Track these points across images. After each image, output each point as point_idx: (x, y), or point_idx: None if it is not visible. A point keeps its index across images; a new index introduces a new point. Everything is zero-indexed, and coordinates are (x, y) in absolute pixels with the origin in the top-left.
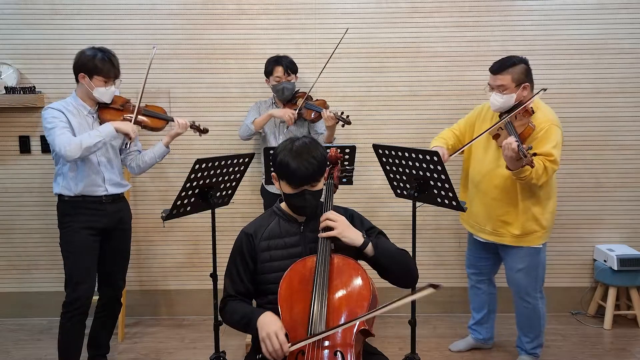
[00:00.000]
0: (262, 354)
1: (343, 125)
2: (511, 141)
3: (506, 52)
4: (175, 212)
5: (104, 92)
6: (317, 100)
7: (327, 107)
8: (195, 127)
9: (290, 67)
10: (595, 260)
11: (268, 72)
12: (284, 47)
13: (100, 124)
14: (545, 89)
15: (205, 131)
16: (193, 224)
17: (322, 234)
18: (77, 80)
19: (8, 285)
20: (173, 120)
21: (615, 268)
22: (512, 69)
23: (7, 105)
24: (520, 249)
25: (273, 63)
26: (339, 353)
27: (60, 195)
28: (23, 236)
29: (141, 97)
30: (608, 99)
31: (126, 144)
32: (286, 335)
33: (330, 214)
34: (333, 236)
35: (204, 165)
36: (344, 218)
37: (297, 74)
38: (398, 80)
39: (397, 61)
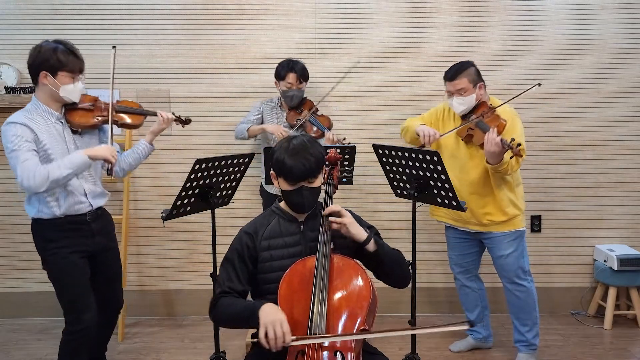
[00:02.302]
0: (257, 339)
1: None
2: (494, 136)
3: (506, 52)
4: (175, 212)
5: (72, 90)
6: (322, 115)
7: (331, 127)
8: (178, 119)
9: (303, 74)
10: (595, 260)
11: (280, 77)
12: (284, 47)
13: (72, 128)
14: (539, 84)
15: (187, 121)
16: (193, 224)
17: (332, 218)
18: (36, 82)
19: (8, 285)
20: (154, 114)
21: (615, 268)
22: (465, 71)
23: (7, 105)
24: (506, 234)
25: (287, 69)
26: (338, 353)
27: (37, 219)
28: (23, 236)
29: (112, 92)
30: (608, 99)
31: (108, 170)
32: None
33: (338, 206)
34: (341, 225)
35: (204, 165)
36: (349, 214)
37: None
38: (398, 80)
39: (397, 61)
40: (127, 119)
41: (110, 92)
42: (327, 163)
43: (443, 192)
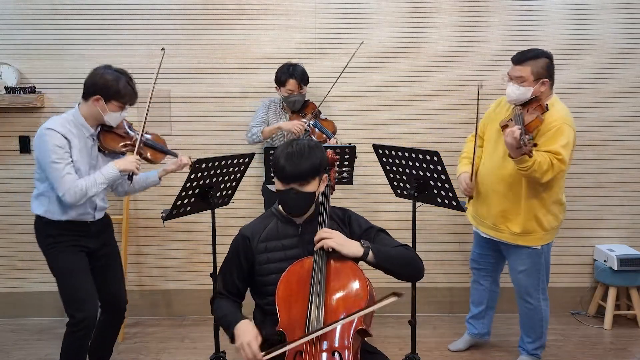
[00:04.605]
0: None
1: None
2: (514, 129)
3: (506, 52)
4: (175, 212)
5: (117, 118)
6: (326, 119)
7: (335, 131)
8: (192, 165)
9: (303, 78)
10: (595, 260)
11: (280, 83)
12: (284, 47)
13: (100, 148)
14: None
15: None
16: (193, 224)
17: (318, 245)
18: (86, 98)
19: (8, 285)
20: (175, 156)
21: (615, 268)
22: (533, 61)
23: (7, 105)
24: (522, 250)
25: (287, 75)
26: (337, 353)
27: (41, 217)
28: (23, 236)
29: (144, 126)
30: (608, 99)
31: (129, 177)
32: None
33: (324, 232)
34: (331, 245)
35: (204, 165)
36: (338, 232)
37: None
38: (398, 80)
39: (397, 61)
40: (150, 155)
41: (144, 119)
42: (324, 167)
43: (443, 192)
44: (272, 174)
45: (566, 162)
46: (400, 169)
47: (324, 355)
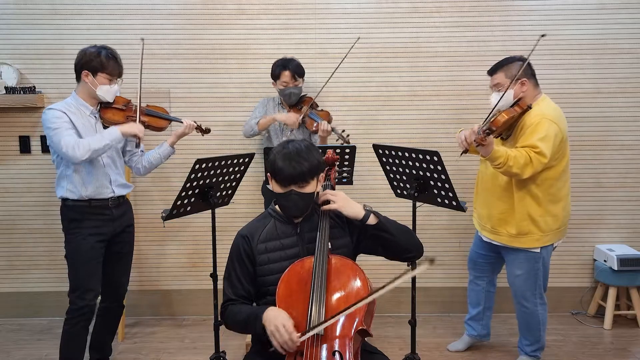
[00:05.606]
0: (273, 347)
1: (342, 144)
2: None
3: (506, 52)
4: (175, 212)
5: (108, 91)
6: (321, 110)
7: (329, 120)
8: (199, 128)
9: (297, 71)
10: (595, 260)
11: (275, 76)
12: (284, 47)
13: (103, 124)
14: (544, 35)
15: (207, 131)
16: (193, 224)
17: (323, 207)
18: (79, 80)
19: (8, 285)
20: (179, 121)
21: (615, 268)
22: (506, 66)
23: (7, 105)
24: (519, 254)
25: (280, 67)
26: (337, 354)
27: (65, 199)
28: (23, 236)
29: (140, 96)
30: (608, 99)
31: (137, 144)
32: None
33: (328, 194)
34: (334, 209)
35: (204, 165)
36: (343, 193)
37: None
38: (398, 80)
39: (397, 61)
40: (153, 122)
41: (139, 90)
42: (322, 166)
43: (443, 192)
44: (270, 177)
45: (546, 155)
46: (400, 169)
47: (324, 355)
